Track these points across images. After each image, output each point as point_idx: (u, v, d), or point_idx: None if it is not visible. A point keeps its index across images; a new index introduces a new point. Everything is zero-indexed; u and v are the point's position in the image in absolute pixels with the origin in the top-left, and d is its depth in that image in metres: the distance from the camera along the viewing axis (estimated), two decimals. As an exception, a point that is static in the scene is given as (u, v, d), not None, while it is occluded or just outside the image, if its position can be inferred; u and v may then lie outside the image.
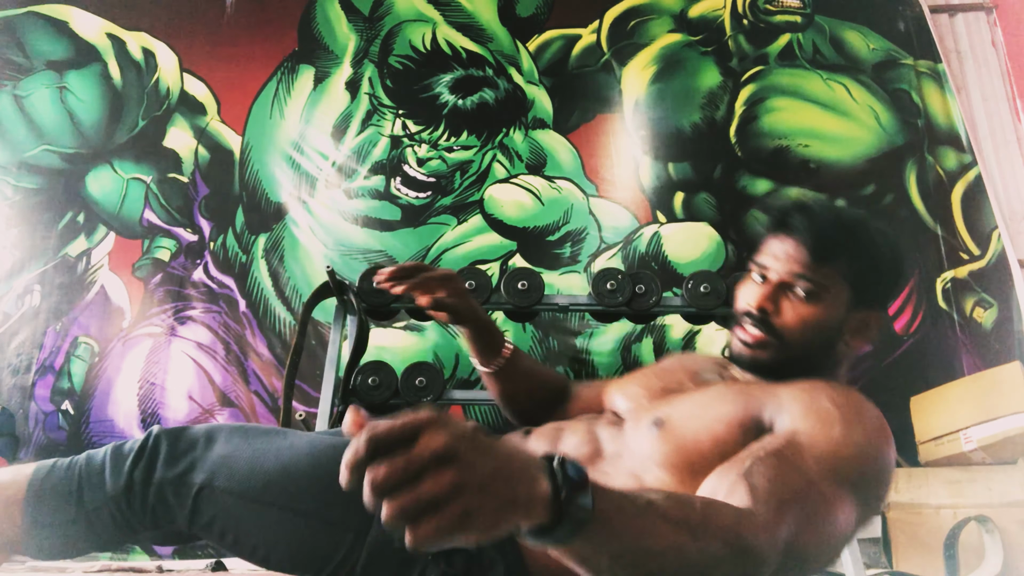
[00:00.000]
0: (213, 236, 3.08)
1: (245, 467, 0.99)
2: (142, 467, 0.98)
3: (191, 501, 0.97)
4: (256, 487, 0.97)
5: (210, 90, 3.26)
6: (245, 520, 0.97)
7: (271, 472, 0.98)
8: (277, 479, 0.98)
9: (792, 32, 3.33)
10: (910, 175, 3.14)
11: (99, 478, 0.99)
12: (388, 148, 3.16)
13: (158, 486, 0.97)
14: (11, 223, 3.11)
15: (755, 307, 1.04)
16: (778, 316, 1.03)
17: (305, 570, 0.97)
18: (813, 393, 0.93)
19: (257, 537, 0.97)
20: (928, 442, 2.61)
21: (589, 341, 2.91)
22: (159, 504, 0.98)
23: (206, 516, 0.97)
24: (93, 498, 0.98)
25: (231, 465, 0.99)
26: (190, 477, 0.98)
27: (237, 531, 0.97)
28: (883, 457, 0.89)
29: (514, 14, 3.35)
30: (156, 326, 2.96)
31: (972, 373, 2.82)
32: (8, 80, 3.25)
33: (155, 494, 0.97)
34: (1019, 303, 2.93)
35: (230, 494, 0.97)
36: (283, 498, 0.97)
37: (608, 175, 3.14)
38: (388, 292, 1.21)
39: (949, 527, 2.26)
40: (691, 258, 3.01)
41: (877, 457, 0.88)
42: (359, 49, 3.30)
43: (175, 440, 1.01)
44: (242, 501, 0.97)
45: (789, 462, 0.83)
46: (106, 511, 0.98)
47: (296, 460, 1.00)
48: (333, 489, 0.95)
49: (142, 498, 0.98)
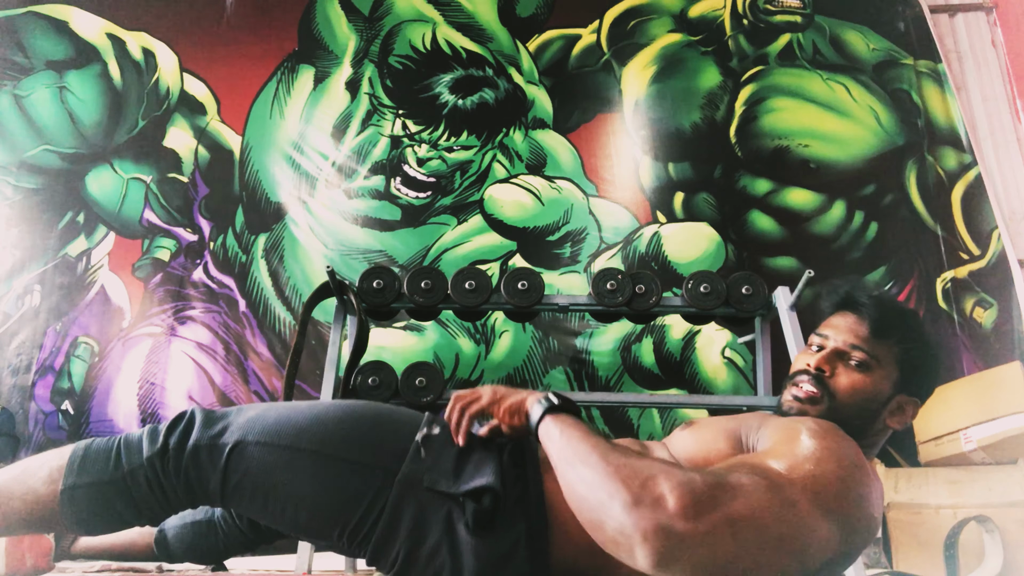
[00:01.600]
0: (213, 236, 3.08)
1: (277, 419, 1.07)
2: (178, 434, 1.07)
3: (224, 460, 1.04)
4: (288, 434, 1.05)
5: (210, 90, 3.26)
6: (277, 470, 1.03)
7: (302, 422, 1.06)
8: (308, 427, 1.06)
9: (792, 32, 3.33)
10: (910, 175, 3.14)
11: (137, 445, 1.07)
12: (388, 148, 3.16)
13: (193, 448, 1.05)
14: (11, 223, 3.11)
15: (813, 367, 1.13)
16: (832, 378, 1.12)
17: (336, 515, 1.02)
18: (796, 423, 1.02)
19: (289, 488, 1.03)
20: (928, 442, 2.61)
21: (589, 341, 2.91)
22: (193, 466, 1.04)
23: (238, 473, 1.03)
24: (130, 460, 1.05)
25: (263, 420, 1.07)
26: (223, 438, 1.06)
27: (269, 485, 1.03)
28: (854, 482, 0.90)
29: (514, 14, 3.35)
30: (156, 326, 2.96)
31: (972, 373, 2.82)
32: (8, 80, 3.25)
33: (190, 456, 1.04)
34: (1019, 303, 2.93)
35: (263, 445, 1.04)
36: (315, 443, 1.04)
37: (608, 175, 3.14)
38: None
39: (949, 527, 2.26)
40: (691, 258, 3.01)
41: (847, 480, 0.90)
42: (359, 49, 3.30)
43: (209, 413, 1.11)
44: (275, 449, 1.03)
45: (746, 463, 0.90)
46: (141, 473, 1.04)
47: (326, 410, 1.10)
48: (362, 433, 1.07)
49: (176, 460, 1.04)
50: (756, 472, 0.86)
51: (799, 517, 0.83)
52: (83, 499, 1.04)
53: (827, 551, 0.85)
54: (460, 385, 2.82)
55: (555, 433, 0.96)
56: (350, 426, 1.07)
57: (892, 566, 2.38)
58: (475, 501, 0.99)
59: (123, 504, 1.05)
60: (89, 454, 1.07)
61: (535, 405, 1.03)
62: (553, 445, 0.95)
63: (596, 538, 0.83)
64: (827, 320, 1.20)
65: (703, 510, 0.77)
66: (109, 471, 1.05)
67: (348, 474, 1.02)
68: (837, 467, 0.90)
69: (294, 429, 1.05)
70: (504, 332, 2.92)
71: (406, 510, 1.00)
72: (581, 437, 0.91)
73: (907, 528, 2.40)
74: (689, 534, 0.75)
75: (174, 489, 1.05)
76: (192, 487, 1.05)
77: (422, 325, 2.89)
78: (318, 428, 1.06)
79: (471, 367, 2.88)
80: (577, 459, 0.88)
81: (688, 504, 0.77)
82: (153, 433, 1.08)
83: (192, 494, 1.06)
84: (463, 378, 2.86)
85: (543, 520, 1.01)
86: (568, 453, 0.90)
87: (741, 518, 0.78)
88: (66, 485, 1.04)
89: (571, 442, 0.91)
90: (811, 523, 0.84)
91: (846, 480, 0.90)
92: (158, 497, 1.06)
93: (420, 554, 0.99)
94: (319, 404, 1.13)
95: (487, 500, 0.99)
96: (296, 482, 1.02)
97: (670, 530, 0.75)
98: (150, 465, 1.04)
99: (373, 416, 1.11)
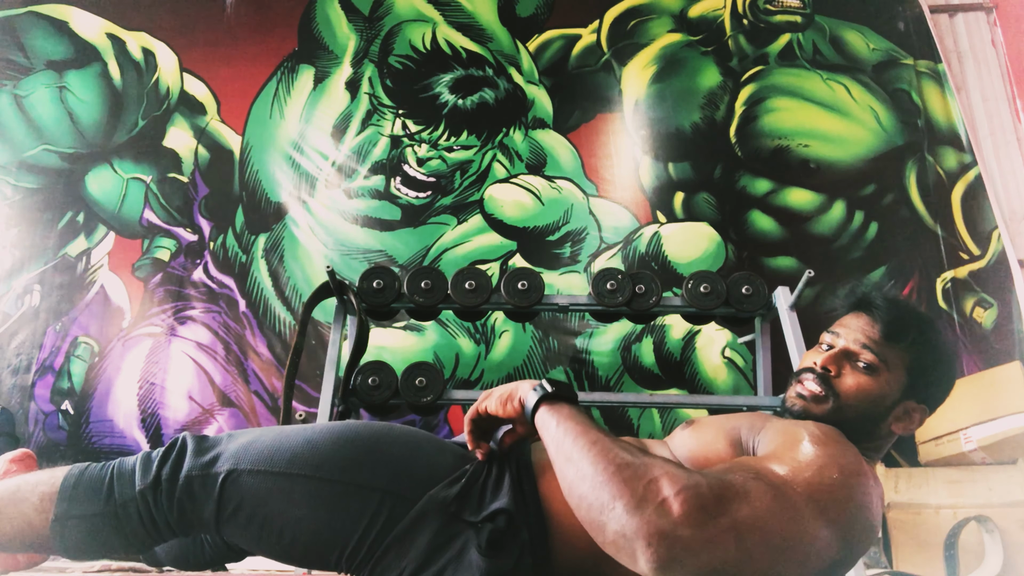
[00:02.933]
0: (213, 236, 3.08)
1: (270, 446, 1.05)
2: (171, 464, 1.04)
3: (218, 490, 1.02)
4: (282, 461, 1.03)
5: (210, 90, 3.26)
6: (272, 497, 1.01)
7: (296, 446, 1.04)
8: (301, 451, 1.04)
9: (792, 32, 3.33)
10: (910, 175, 3.14)
11: (130, 476, 1.05)
12: (388, 148, 3.16)
13: (186, 479, 1.03)
14: (11, 223, 3.11)
15: (819, 365, 1.12)
16: (838, 378, 1.10)
17: (334, 538, 1.00)
18: (798, 427, 1.01)
19: (285, 515, 1.01)
20: (928, 442, 2.61)
21: (589, 341, 2.91)
22: (186, 497, 1.03)
23: (233, 502, 1.01)
24: (122, 493, 1.03)
25: (256, 447, 1.05)
26: (215, 467, 1.03)
27: (264, 512, 1.01)
28: (856, 491, 0.90)
29: (514, 14, 3.35)
30: (156, 326, 2.96)
31: (972, 373, 2.82)
32: (8, 80, 3.25)
33: (183, 487, 1.03)
34: (1019, 303, 2.93)
35: (257, 473, 1.02)
36: (309, 467, 1.02)
37: (608, 175, 3.14)
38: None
39: (949, 527, 2.26)
40: (691, 258, 3.00)
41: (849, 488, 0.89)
42: (359, 49, 3.30)
43: (201, 440, 1.09)
44: (269, 477, 1.01)
45: (750, 467, 0.89)
46: (133, 506, 1.03)
47: (319, 433, 1.08)
48: (357, 455, 1.05)
49: (169, 492, 1.03)
50: (761, 477, 0.85)
51: (802, 525, 0.82)
52: (74, 530, 1.03)
53: (826, 559, 0.85)
54: (460, 385, 2.82)
55: (551, 424, 0.93)
56: (344, 448, 1.05)
57: (892, 566, 2.38)
58: (491, 522, 0.98)
59: (114, 536, 1.04)
60: (81, 483, 1.05)
61: (529, 393, 1.00)
62: (550, 437, 0.92)
63: (596, 539, 0.81)
64: (840, 319, 1.18)
65: (708, 516, 0.76)
66: (101, 503, 1.03)
67: (345, 496, 1.00)
68: (840, 475, 0.89)
69: (288, 454, 1.03)
70: (504, 332, 2.92)
71: (423, 532, 0.99)
72: (580, 431, 0.88)
73: (907, 528, 2.40)
74: (693, 540, 0.74)
75: (166, 521, 1.03)
76: (187, 516, 1.03)
77: (422, 325, 2.89)
78: (311, 452, 1.04)
79: (471, 367, 2.88)
80: (577, 455, 0.85)
81: (693, 509, 0.75)
82: (146, 462, 1.06)
83: (187, 523, 1.04)
84: (463, 378, 2.85)
85: (543, 529, 1.00)
86: (567, 448, 0.87)
87: (746, 525, 0.77)
88: (57, 515, 1.02)
89: (569, 436, 0.88)
90: (813, 531, 0.83)
91: (849, 488, 0.89)
92: (149, 531, 1.04)
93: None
94: (311, 427, 1.11)
95: (501, 521, 0.98)
96: (292, 508, 1.00)
97: (674, 536, 0.74)
98: (142, 498, 1.02)
99: (367, 437, 1.08)
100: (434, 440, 1.16)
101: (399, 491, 1.01)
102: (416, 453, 1.08)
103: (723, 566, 0.76)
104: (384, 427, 1.13)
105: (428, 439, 1.15)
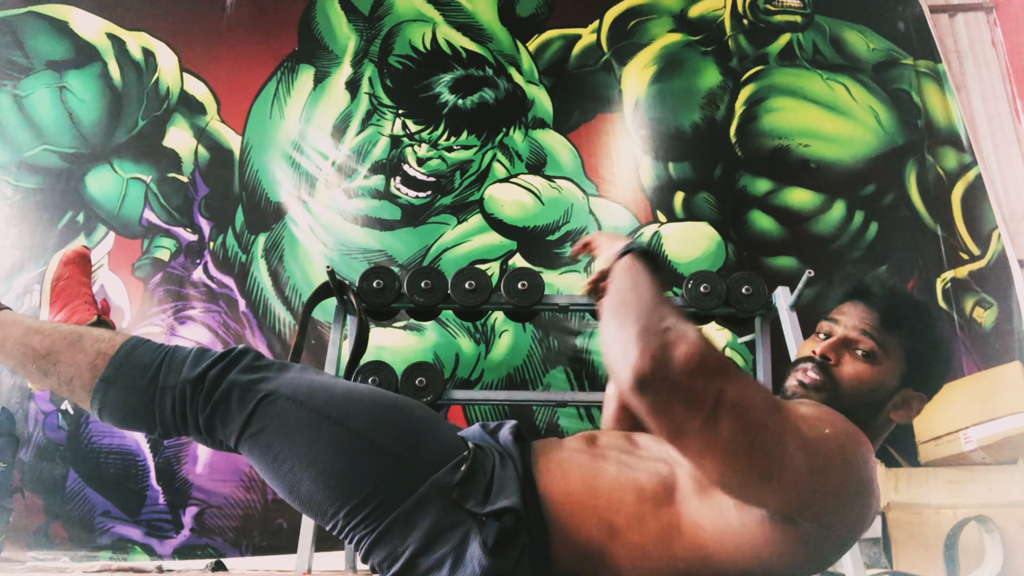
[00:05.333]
0: (213, 236, 3.08)
1: (312, 383, 1.10)
2: (220, 367, 1.09)
3: (253, 405, 1.06)
4: (319, 400, 1.07)
5: (210, 90, 3.26)
6: (298, 431, 1.04)
7: (336, 392, 1.09)
8: (339, 398, 1.08)
9: (792, 32, 3.33)
10: (910, 175, 3.14)
11: (179, 365, 1.10)
12: (388, 148, 3.16)
13: (228, 385, 1.08)
14: (11, 223, 3.11)
15: (818, 354, 1.12)
16: (837, 366, 1.10)
17: (339, 490, 1.02)
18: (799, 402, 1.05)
19: (303, 452, 1.04)
20: (928, 442, 2.61)
21: (589, 341, 2.91)
22: (222, 403, 1.07)
23: (261, 423, 1.06)
24: (167, 379, 1.09)
25: (300, 380, 1.10)
26: (259, 385, 1.08)
27: (285, 441, 1.05)
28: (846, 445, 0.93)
29: (514, 14, 3.35)
30: (156, 326, 2.96)
31: (972, 373, 2.82)
32: (8, 80, 3.25)
33: (222, 392, 1.07)
34: (1019, 303, 2.93)
35: (293, 401, 1.06)
36: (341, 414, 1.05)
37: (608, 175, 3.14)
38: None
39: (949, 527, 2.26)
40: (691, 258, 3.01)
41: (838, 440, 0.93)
42: (359, 49, 3.30)
43: (257, 357, 1.13)
44: (303, 410, 1.05)
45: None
46: (171, 395, 1.08)
47: (360, 389, 1.13)
48: (387, 419, 1.08)
49: (209, 392, 1.07)
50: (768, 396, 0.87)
51: (781, 448, 0.84)
52: (113, 396, 1.09)
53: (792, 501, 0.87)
54: (460, 385, 2.82)
55: (624, 268, 1.00)
56: (378, 409, 1.08)
57: (892, 566, 2.38)
58: (497, 519, 0.98)
59: (144, 414, 1.09)
60: (134, 355, 1.11)
61: (622, 245, 1.07)
62: (621, 279, 0.98)
63: (605, 356, 0.88)
64: (838, 307, 1.18)
65: (703, 372, 0.79)
66: (145, 381, 1.08)
67: (363, 453, 1.03)
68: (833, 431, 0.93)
69: (325, 396, 1.07)
70: (504, 332, 2.92)
71: (426, 515, 0.99)
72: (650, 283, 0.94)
73: (907, 528, 2.40)
74: (679, 381, 0.78)
75: (195, 418, 1.08)
76: (213, 421, 1.07)
77: (422, 325, 2.89)
78: (347, 402, 1.07)
79: (471, 367, 2.88)
80: (634, 293, 0.91)
81: (695, 359, 0.78)
82: (199, 358, 1.11)
83: (212, 427, 1.08)
84: (463, 378, 2.85)
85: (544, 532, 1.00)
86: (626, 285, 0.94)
87: (729, 402, 0.80)
88: (104, 376, 1.09)
89: (639, 281, 0.95)
90: (790, 447, 0.85)
91: (842, 449, 0.92)
92: (177, 422, 1.09)
93: (422, 562, 0.99)
94: (357, 384, 1.15)
95: (508, 520, 0.98)
96: (312, 447, 1.03)
97: (666, 367, 0.78)
98: (181, 390, 1.07)
99: (400, 405, 1.12)
100: (451, 424, 1.19)
101: (412, 462, 1.03)
102: (434, 430, 1.10)
103: (684, 423, 0.80)
104: (415, 401, 1.18)
105: (446, 422, 1.18)
